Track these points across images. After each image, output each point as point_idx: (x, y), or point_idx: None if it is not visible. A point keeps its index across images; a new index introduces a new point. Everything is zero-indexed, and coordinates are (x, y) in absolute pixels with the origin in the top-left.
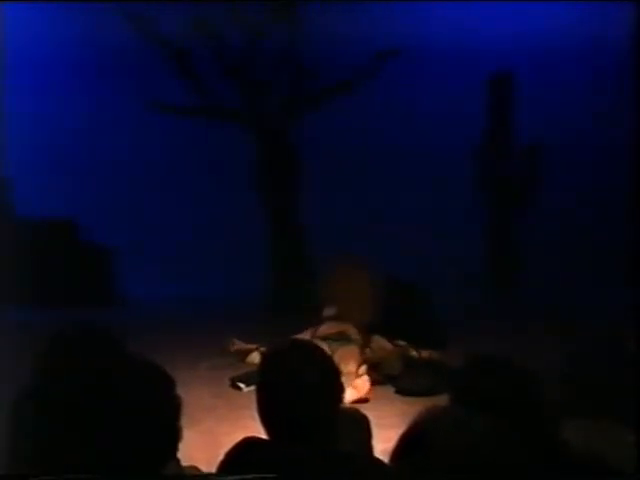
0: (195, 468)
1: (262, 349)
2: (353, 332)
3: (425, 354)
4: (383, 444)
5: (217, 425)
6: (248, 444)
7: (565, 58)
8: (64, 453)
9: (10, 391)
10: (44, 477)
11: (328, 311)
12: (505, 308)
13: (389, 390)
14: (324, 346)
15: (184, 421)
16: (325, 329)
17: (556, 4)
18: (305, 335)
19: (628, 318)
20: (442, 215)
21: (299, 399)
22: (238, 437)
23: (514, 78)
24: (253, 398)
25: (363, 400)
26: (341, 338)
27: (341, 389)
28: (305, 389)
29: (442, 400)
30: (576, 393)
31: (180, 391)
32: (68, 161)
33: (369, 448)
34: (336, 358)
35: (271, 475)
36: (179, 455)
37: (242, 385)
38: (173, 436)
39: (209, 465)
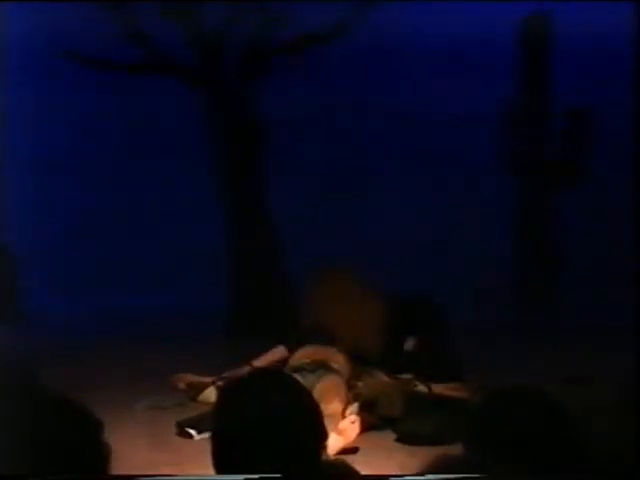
0: None
1: (220, 384)
2: (338, 360)
3: (436, 389)
4: None
5: None
6: None
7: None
8: None
9: None
10: (44, 477)
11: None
12: (536, 329)
13: (387, 436)
14: (299, 379)
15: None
16: (301, 356)
17: None
18: (277, 363)
19: None
20: (455, 207)
21: (267, 449)
22: None
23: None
24: (207, 448)
25: (352, 450)
26: (321, 368)
27: (323, 435)
28: (275, 436)
29: (457, 449)
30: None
31: (110, 438)
32: None
33: None
34: (316, 394)
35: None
36: None
37: (193, 432)
38: None
39: None
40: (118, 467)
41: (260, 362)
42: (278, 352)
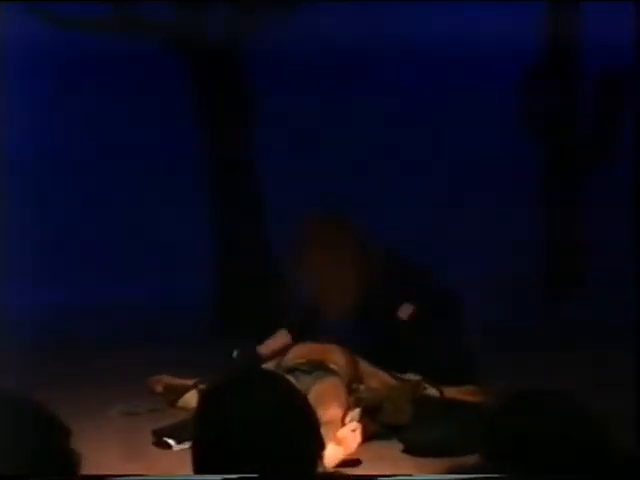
0: None
1: (202, 387)
2: (337, 360)
3: (448, 393)
4: None
5: None
6: None
7: None
8: None
9: None
10: (44, 477)
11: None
12: (561, 327)
13: (393, 446)
14: (292, 381)
15: None
16: (294, 355)
17: None
18: (265, 364)
19: None
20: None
21: (255, 461)
22: None
23: None
24: (187, 459)
25: (353, 461)
26: (317, 368)
27: (320, 445)
28: (264, 446)
29: (472, 460)
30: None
31: (79, 447)
32: None
33: None
34: (312, 399)
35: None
36: None
37: (171, 441)
38: None
39: None
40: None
41: (265, 349)
42: (281, 337)
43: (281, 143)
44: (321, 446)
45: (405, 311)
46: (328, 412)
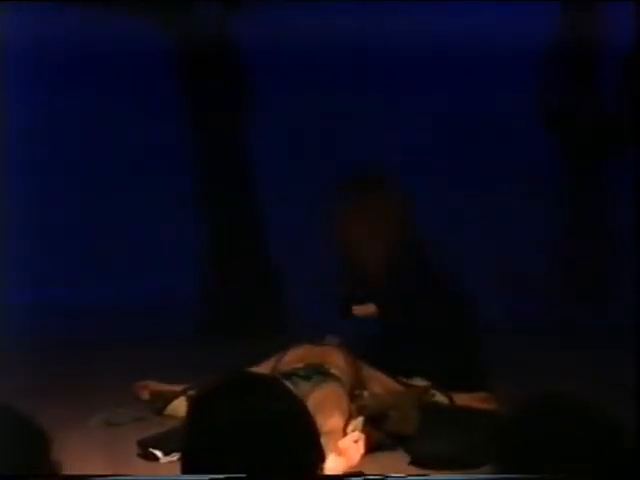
0: None
1: (192, 393)
2: (339, 364)
3: (459, 400)
4: None
5: None
6: None
7: None
8: None
9: None
10: (44, 477)
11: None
12: (582, 329)
13: (399, 458)
14: (290, 386)
15: None
16: (291, 359)
17: None
18: (260, 368)
19: None
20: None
21: (250, 473)
22: None
23: None
24: (175, 472)
25: (355, 474)
26: (317, 373)
27: (320, 456)
28: (260, 458)
29: (484, 472)
30: None
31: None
32: None
33: None
34: (311, 406)
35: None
36: None
37: (158, 452)
38: None
39: None
40: None
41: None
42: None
43: (276, 143)
44: (321, 457)
45: (364, 309)
46: (329, 421)
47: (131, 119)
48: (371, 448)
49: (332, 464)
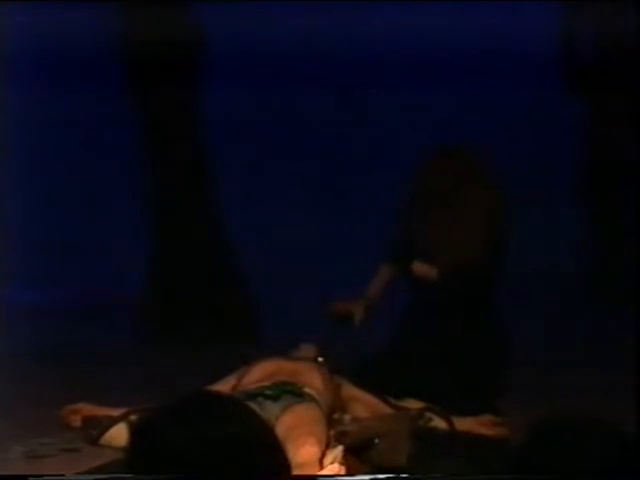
0: None
1: (133, 418)
2: (314, 382)
3: (460, 425)
4: None
5: None
6: None
7: None
8: None
9: None
10: (44, 477)
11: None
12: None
13: None
14: (255, 408)
15: None
16: (257, 376)
17: None
18: (219, 386)
19: None
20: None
21: None
22: None
23: None
24: None
25: None
26: (287, 392)
27: None
28: None
29: None
30: None
31: None
32: None
33: None
34: (280, 432)
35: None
36: None
37: None
38: None
39: None
40: None
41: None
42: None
43: (237, 144)
44: None
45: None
46: (301, 450)
47: (84, 119)
48: None
49: None
